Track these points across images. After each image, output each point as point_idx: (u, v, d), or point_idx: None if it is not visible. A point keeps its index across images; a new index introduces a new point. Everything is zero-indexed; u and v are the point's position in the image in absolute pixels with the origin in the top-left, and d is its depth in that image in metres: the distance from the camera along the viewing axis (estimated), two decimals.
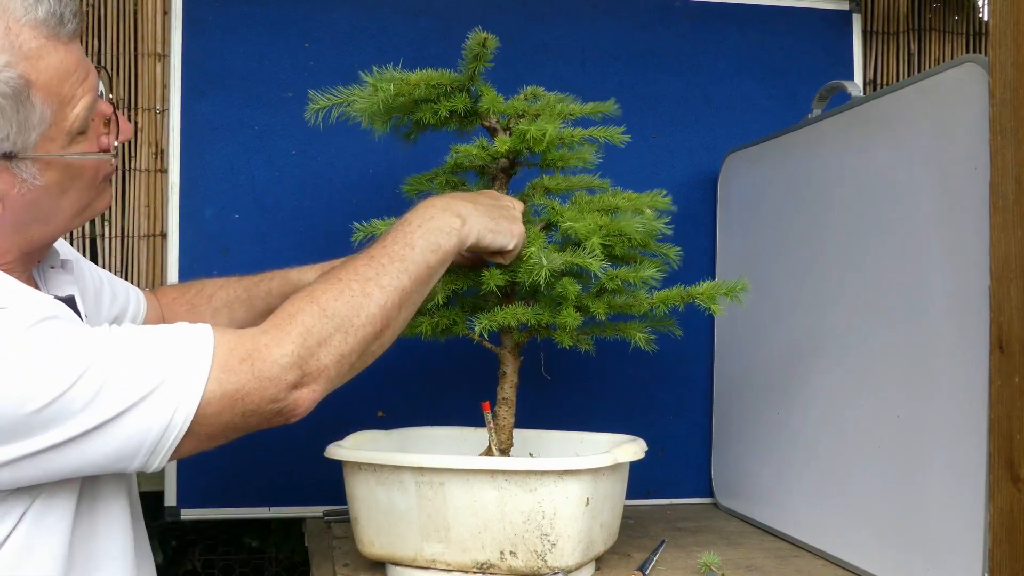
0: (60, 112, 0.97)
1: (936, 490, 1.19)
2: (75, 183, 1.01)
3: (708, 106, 1.93)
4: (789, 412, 1.57)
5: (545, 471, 1.21)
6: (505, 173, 1.39)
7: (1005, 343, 0.98)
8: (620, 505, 1.37)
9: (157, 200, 1.88)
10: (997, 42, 1.00)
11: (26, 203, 0.98)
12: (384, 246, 1.07)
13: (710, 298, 1.29)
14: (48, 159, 0.97)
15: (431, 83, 1.32)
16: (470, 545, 1.24)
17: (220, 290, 1.42)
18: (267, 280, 1.41)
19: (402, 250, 1.06)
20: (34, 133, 0.95)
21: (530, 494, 1.21)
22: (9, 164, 0.95)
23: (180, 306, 1.42)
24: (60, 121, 0.97)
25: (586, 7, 1.90)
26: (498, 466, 1.23)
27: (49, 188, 0.99)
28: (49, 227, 1.04)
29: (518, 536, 1.23)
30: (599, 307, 1.28)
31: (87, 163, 1.02)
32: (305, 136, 1.78)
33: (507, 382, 1.37)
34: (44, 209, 1.00)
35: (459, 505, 1.24)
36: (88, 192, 1.05)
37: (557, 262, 1.22)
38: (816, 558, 1.45)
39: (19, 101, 0.92)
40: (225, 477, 1.73)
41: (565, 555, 1.23)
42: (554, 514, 1.22)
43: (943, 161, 1.19)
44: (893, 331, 1.30)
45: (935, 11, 2.16)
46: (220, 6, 1.78)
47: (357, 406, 1.74)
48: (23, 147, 0.95)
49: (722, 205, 1.87)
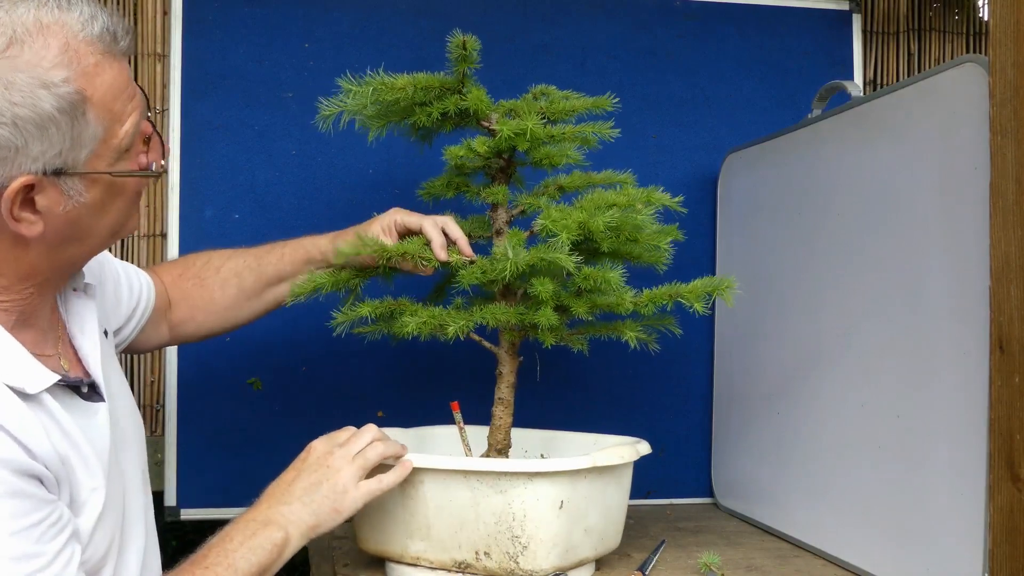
0: (111, 129, 0.96)
1: (936, 490, 1.19)
2: (116, 201, 1.01)
3: (708, 106, 1.93)
4: (789, 412, 1.57)
5: (515, 472, 1.20)
6: (503, 173, 1.39)
7: (1005, 343, 0.98)
8: (616, 510, 1.34)
9: (157, 200, 1.88)
10: (997, 42, 1.00)
11: (68, 221, 0.97)
12: (207, 567, 1.05)
13: (696, 296, 1.27)
14: (95, 176, 0.96)
15: (419, 86, 1.32)
16: (449, 544, 1.24)
17: (228, 260, 1.41)
18: (279, 247, 1.41)
19: (225, 572, 1.05)
20: (85, 150, 0.95)
21: (500, 495, 1.21)
22: (57, 180, 0.94)
23: (186, 281, 1.40)
24: (110, 139, 0.97)
25: (586, 7, 1.90)
26: (470, 466, 1.23)
27: (91, 206, 0.98)
28: (84, 247, 1.03)
29: (491, 537, 1.22)
30: (580, 306, 1.26)
31: (129, 181, 1.01)
32: (305, 136, 1.78)
33: (504, 382, 1.37)
34: (83, 228, 1.00)
35: (437, 504, 1.24)
36: (126, 211, 1.04)
37: (524, 256, 1.21)
38: (816, 558, 1.45)
39: (75, 117, 0.92)
40: (225, 477, 1.73)
41: (538, 558, 1.22)
42: (524, 516, 1.20)
43: (943, 161, 1.19)
44: (893, 331, 1.30)
45: (935, 11, 2.16)
46: (220, 6, 1.78)
47: (357, 406, 1.74)
48: (73, 164, 0.94)
49: (722, 205, 1.87)
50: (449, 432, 1.51)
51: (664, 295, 1.28)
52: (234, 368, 1.75)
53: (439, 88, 1.33)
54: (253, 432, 1.75)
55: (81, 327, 1.11)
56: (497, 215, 1.38)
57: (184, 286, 1.40)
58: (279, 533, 1.10)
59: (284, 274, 1.40)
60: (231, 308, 1.41)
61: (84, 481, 1.00)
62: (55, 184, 0.94)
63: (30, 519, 0.91)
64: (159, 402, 1.92)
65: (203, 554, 1.07)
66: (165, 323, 1.39)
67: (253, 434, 1.75)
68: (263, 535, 1.09)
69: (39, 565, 0.91)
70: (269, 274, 1.40)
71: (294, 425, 1.70)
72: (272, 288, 1.41)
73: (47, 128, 0.91)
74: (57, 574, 0.92)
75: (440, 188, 1.45)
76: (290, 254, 1.39)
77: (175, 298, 1.40)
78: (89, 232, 1.01)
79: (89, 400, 1.06)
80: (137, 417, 1.22)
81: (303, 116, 1.78)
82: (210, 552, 1.07)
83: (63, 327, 1.11)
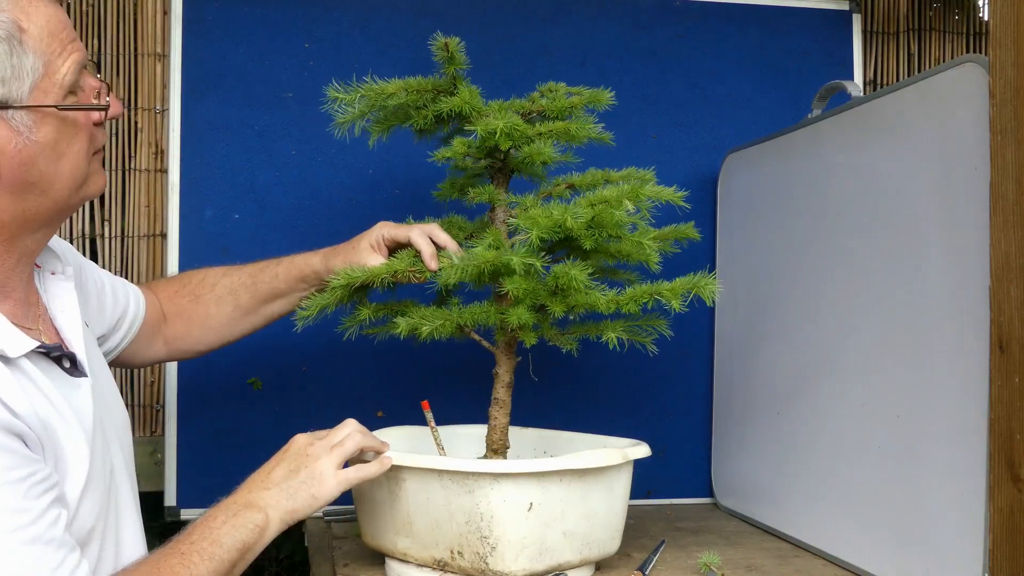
0: (51, 64, 1.00)
1: (936, 490, 1.19)
2: (70, 145, 1.03)
3: (708, 106, 1.93)
4: (789, 412, 1.57)
5: (480, 472, 1.20)
6: (501, 173, 1.39)
7: (1005, 343, 0.98)
8: (606, 514, 1.30)
9: (157, 200, 1.88)
10: (997, 42, 1.00)
11: (23, 160, 0.99)
12: (192, 542, 1.07)
13: (675, 294, 1.24)
14: (43, 111, 1.00)
15: (412, 89, 1.31)
16: (428, 542, 1.25)
17: (223, 278, 1.43)
18: (272, 265, 1.43)
19: (210, 547, 1.07)
20: (27, 81, 0.98)
21: (469, 495, 1.20)
22: (4, 114, 0.97)
23: (182, 298, 1.44)
24: (51, 74, 1.00)
25: (586, 7, 1.90)
26: (441, 466, 1.23)
27: (44, 147, 1.01)
28: (47, 199, 1.04)
29: (463, 536, 1.22)
30: (557, 306, 1.24)
31: (80, 123, 1.04)
32: (305, 136, 1.78)
33: (500, 383, 1.36)
34: (41, 173, 1.01)
35: (417, 502, 1.25)
36: (82, 162, 1.06)
37: (468, 260, 1.22)
38: (816, 558, 1.45)
39: (12, 45, 0.97)
40: (225, 477, 1.71)
41: (507, 560, 1.21)
42: (492, 517, 1.20)
43: (943, 161, 1.19)
44: (893, 331, 1.30)
45: (935, 11, 2.16)
46: (220, 6, 1.78)
47: (357, 406, 1.74)
48: (18, 96, 0.98)
49: (722, 205, 1.87)
50: (453, 432, 1.51)
51: (644, 294, 1.25)
52: (234, 368, 1.75)
53: (432, 91, 1.33)
54: (253, 432, 1.75)
55: (61, 307, 1.14)
56: (496, 215, 1.38)
57: (180, 302, 1.44)
58: (259, 515, 1.12)
59: (278, 291, 1.43)
60: (226, 324, 1.44)
61: (68, 448, 1.02)
62: (2, 118, 0.97)
63: (16, 474, 0.92)
64: (159, 402, 1.92)
65: (188, 532, 1.09)
66: (160, 338, 1.43)
67: (253, 434, 1.75)
68: (245, 515, 1.11)
69: (26, 520, 0.92)
70: (263, 292, 1.43)
71: (294, 425, 1.69)
72: (267, 305, 1.44)
73: None
74: (44, 531, 0.93)
75: (447, 190, 1.45)
76: (284, 272, 1.42)
77: (170, 313, 1.43)
78: (48, 180, 1.03)
79: (71, 375, 1.09)
80: (123, 410, 1.24)
81: (303, 116, 1.78)
82: (194, 530, 1.09)
83: (43, 307, 1.13)
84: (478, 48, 1.82)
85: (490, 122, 1.28)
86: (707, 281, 1.24)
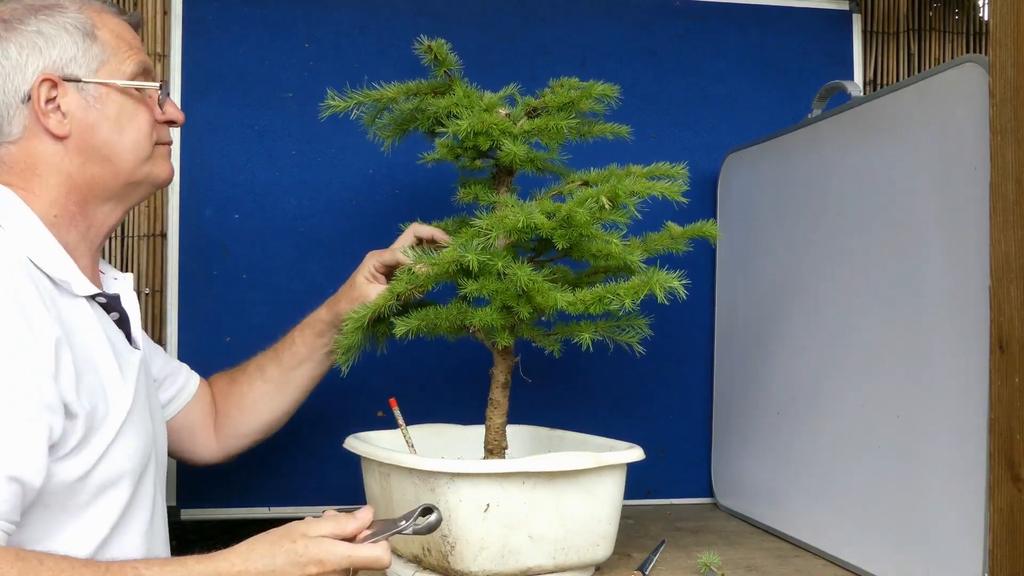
0: (116, 57, 1.19)
1: (936, 490, 1.19)
2: (131, 122, 1.19)
3: (708, 106, 1.93)
4: (789, 412, 1.57)
5: (438, 472, 1.20)
6: (506, 172, 1.39)
7: (1005, 343, 0.98)
8: (585, 519, 1.26)
9: (157, 200, 1.88)
10: (997, 42, 1.00)
11: (89, 124, 1.16)
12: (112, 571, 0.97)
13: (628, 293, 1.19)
14: (107, 88, 1.17)
15: (410, 92, 1.31)
16: (407, 537, 1.26)
17: (253, 360, 1.50)
18: (290, 337, 1.49)
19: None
20: (95, 64, 1.17)
21: (431, 493, 1.21)
22: (76, 86, 1.15)
23: (221, 382, 1.51)
24: (117, 64, 1.19)
25: (586, 7, 1.90)
26: (411, 464, 1.23)
27: (108, 117, 1.17)
28: (112, 166, 1.18)
29: (429, 535, 1.19)
30: (523, 307, 1.22)
31: (140, 108, 1.20)
32: (305, 136, 1.78)
33: (495, 383, 1.36)
34: (104, 138, 1.17)
35: (398, 498, 1.27)
36: (143, 140, 1.20)
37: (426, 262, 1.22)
38: (816, 558, 1.45)
39: (86, 34, 1.17)
40: (225, 477, 1.73)
41: (466, 560, 1.20)
42: (449, 516, 1.19)
43: (943, 161, 1.19)
44: (893, 331, 1.29)
45: (935, 11, 2.16)
46: (220, 6, 1.78)
47: (357, 406, 1.74)
48: (88, 74, 1.16)
49: (722, 205, 1.87)
50: (464, 433, 1.52)
51: (602, 294, 1.20)
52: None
53: (432, 92, 1.32)
54: None
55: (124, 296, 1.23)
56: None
57: (219, 385, 1.50)
58: None
59: (300, 356, 1.47)
60: (262, 401, 1.48)
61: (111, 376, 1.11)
62: (74, 89, 1.15)
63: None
64: None
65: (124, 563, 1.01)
66: (212, 430, 1.48)
67: None
68: None
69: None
70: (287, 361, 1.47)
71: (294, 425, 1.70)
72: (294, 372, 1.48)
73: (62, 37, 1.15)
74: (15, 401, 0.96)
75: (461, 192, 1.44)
76: (299, 336, 1.47)
77: (217, 400, 1.50)
78: (111, 147, 1.18)
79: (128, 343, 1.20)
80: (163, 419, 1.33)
81: (303, 116, 1.78)
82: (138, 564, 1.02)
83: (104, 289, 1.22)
84: (478, 48, 1.83)
85: (460, 123, 1.27)
86: (663, 278, 1.19)
